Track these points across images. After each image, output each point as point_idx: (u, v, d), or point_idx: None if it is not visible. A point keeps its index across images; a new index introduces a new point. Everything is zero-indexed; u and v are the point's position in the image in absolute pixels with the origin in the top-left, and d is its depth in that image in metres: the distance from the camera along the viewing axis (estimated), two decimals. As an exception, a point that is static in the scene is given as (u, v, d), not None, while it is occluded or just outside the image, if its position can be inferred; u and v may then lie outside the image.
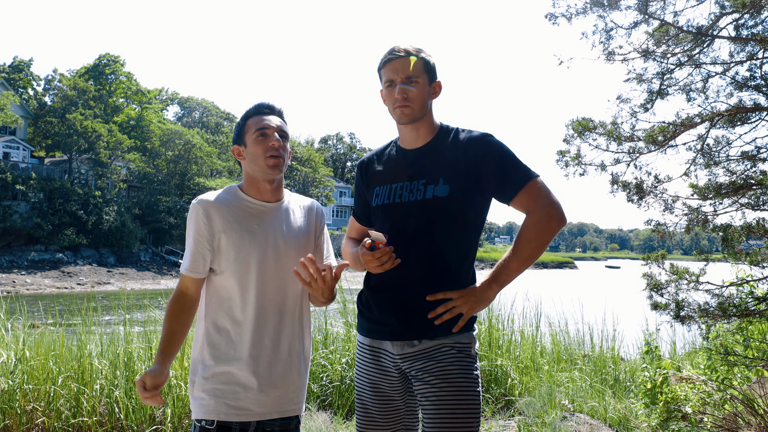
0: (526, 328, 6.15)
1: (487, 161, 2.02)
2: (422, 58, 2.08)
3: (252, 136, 2.10)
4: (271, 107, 2.16)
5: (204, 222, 2.05)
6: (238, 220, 2.07)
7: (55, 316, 5.51)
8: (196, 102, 62.72)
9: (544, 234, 1.98)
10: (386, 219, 2.10)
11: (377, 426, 2.11)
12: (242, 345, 2.06)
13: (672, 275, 3.87)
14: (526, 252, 1.99)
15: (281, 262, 2.10)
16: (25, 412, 3.94)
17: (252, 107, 2.16)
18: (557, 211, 2.00)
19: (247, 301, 2.06)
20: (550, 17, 4.10)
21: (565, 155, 4.29)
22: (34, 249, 36.34)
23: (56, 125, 41.06)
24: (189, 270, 2.06)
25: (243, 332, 2.06)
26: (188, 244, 2.08)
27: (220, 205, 2.08)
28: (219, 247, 2.05)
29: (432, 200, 2.01)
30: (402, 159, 2.14)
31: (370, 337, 2.13)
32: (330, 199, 57.41)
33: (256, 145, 2.09)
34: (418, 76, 2.06)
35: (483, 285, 2.01)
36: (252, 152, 2.10)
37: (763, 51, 3.97)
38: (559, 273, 60.60)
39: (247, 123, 2.13)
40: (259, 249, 2.07)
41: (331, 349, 5.06)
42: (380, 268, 1.97)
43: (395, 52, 2.07)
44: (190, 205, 2.11)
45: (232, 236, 2.05)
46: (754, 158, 3.96)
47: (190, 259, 2.06)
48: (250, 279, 2.06)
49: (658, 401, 3.85)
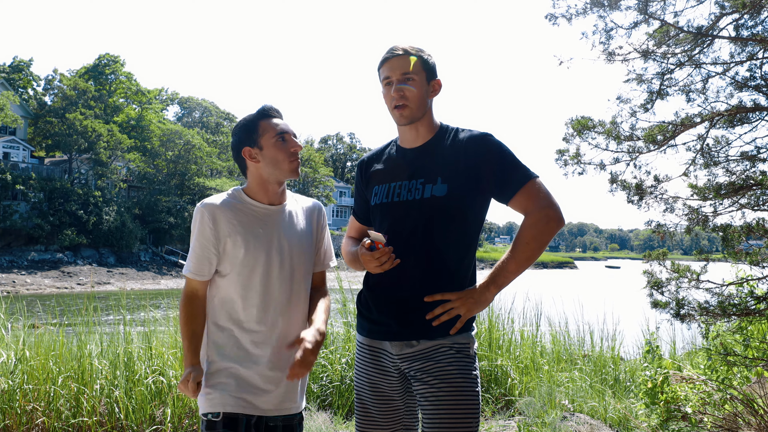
0: (526, 328, 6.15)
1: (486, 161, 2.02)
2: (420, 57, 2.08)
3: (271, 140, 2.11)
4: (278, 111, 2.19)
5: (210, 226, 2.08)
6: (243, 223, 2.10)
7: (56, 316, 5.51)
8: (196, 102, 62.71)
9: (542, 235, 1.98)
10: (385, 218, 2.10)
11: (377, 426, 2.11)
12: (246, 345, 2.10)
13: (673, 273, 3.87)
14: (524, 253, 1.99)
15: (285, 263, 2.13)
16: (25, 412, 3.94)
17: (261, 110, 2.17)
18: (556, 213, 1.99)
19: (251, 303, 2.10)
20: (550, 17, 4.10)
21: (564, 154, 4.28)
22: (34, 249, 36.34)
23: (56, 125, 41.06)
24: (195, 273, 2.09)
25: (247, 332, 2.10)
26: (193, 248, 2.11)
27: (225, 209, 2.10)
28: (225, 251, 2.09)
29: (430, 199, 2.01)
30: (401, 158, 2.14)
31: (370, 337, 2.13)
32: (330, 199, 57.40)
33: (277, 149, 2.11)
34: (415, 74, 2.06)
35: (481, 287, 2.01)
36: (272, 155, 2.11)
37: (763, 51, 3.97)
38: (559, 273, 60.61)
39: (260, 125, 2.13)
40: (265, 252, 2.10)
41: (331, 349, 5.06)
42: (379, 269, 1.98)
43: (393, 51, 2.08)
44: (195, 208, 2.14)
45: (237, 240, 2.08)
46: (753, 158, 3.96)
47: (196, 263, 2.09)
48: (254, 281, 2.09)
49: (658, 401, 3.85)
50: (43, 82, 47.41)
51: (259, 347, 2.09)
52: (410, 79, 2.05)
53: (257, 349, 2.09)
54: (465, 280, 2.06)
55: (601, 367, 5.69)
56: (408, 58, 2.06)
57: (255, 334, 2.10)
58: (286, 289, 2.14)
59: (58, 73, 45.42)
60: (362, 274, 2.22)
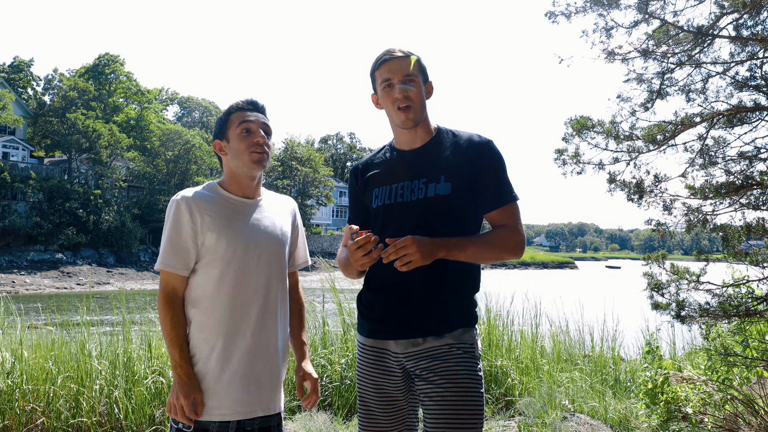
0: (526, 328, 6.14)
1: (486, 168, 2.04)
2: (417, 59, 2.08)
3: (236, 131, 2.10)
4: (254, 103, 2.16)
5: (188, 218, 2.03)
6: (220, 216, 2.07)
7: (55, 316, 5.51)
8: (196, 102, 62.75)
9: (504, 252, 2.01)
10: (388, 219, 2.09)
11: (380, 428, 2.09)
12: (219, 343, 2.03)
13: (673, 275, 3.87)
14: (483, 251, 1.98)
15: (263, 257, 2.10)
16: (25, 412, 3.94)
17: (234, 103, 2.16)
18: (522, 242, 2.04)
19: (226, 298, 2.04)
20: (550, 15, 4.09)
21: (563, 154, 4.28)
22: (33, 249, 36.34)
23: (56, 125, 41.06)
24: (173, 266, 2.02)
25: (220, 330, 2.04)
26: (170, 240, 2.03)
27: (202, 202, 2.07)
28: (203, 244, 2.04)
29: (434, 198, 2.01)
30: (400, 159, 2.13)
31: (372, 337, 2.12)
32: (330, 199, 57.39)
33: (240, 141, 2.09)
34: (415, 75, 2.06)
35: (436, 243, 1.92)
36: (236, 148, 2.10)
37: (763, 51, 3.97)
38: (559, 273, 60.60)
39: (230, 118, 2.13)
40: (242, 245, 2.06)
41: (330, 350, 5.05)
42: (367, 258, 1.90)
43: (392, 53, 2.06)
44: (170, 201, 2.08)
45: (215, 232, 2.03)
46: (753, 158, 3.96)
47: (174, 256, 2.02)
48: (229, 275, 2.04)
49: (658, 401, 3.84)
50: (42, 82, 47.44)
51: (234, 345, 2.04)
52: (412, 80, 2.04)
53: (232, 346, 2.04)
54: (468, 277, 2.06)
55: (602, 368, 5.68)
56: (408, 59, 2.05)
57: (230, 330, 2.04)
58: (264, 282, 2.10)
59: (58, 72, 45.45)
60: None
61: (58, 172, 40.51)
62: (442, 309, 2.02)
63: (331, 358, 4.98)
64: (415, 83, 2.05)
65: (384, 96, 2.08)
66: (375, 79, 2.11)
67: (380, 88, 2.09)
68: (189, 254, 2.04)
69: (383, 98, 2.09)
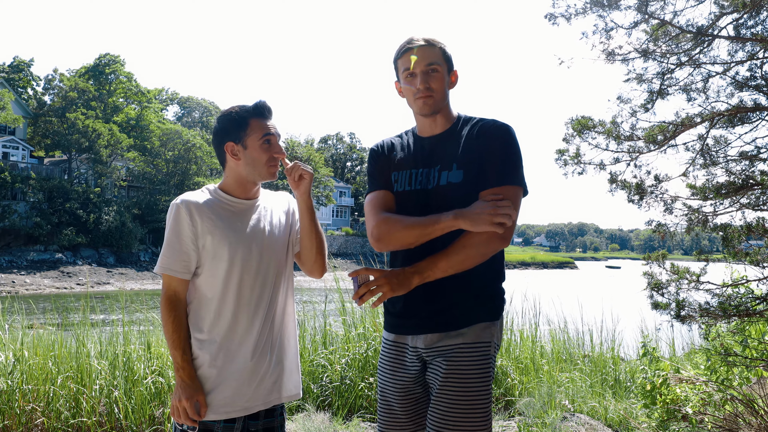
0: (525, 328, 6.14)
1: (495, 149, 1.99)
2: (441, 48, 2.07)
3: (257, 141, 2.09)
4: (270, 110, 2.16)
5: (188, 222, 2.04)
6: (221, 218, 2.08)
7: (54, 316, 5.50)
8: (196, 102, 62.73)
9: (482, 247, 1.92)
10: (405, 206, 2.08)
11: (400, 424, 2.10)
12: (224, 345, 2.05)
13: (673, 275, 3.86)
14: (458, 256, 1.92)
15: (265, 256, 2.12)
16: (25, 412, 3.94)
17: (253, 107, 2.14)
18: (505, 231, 1.89)
19: (229, 299, 2.06)
20: (550, 17, 4.09)
21: (564, 154, 4.28)
22: (33, 249, 36.31)
23: (56, 125, 41.04)
24: (174, 270, 2.04)
25: (224, 328, 2.06)
26: (170, 244, 2.05)
27: (203, 206, 2.08)
28: (204, 247, 2.05)
29: (447, 186, 2.01)
30: (419, 146, 2.13)
31: (394, 332, 2.13)
32: (330, 199, 57.39)
33: (261, 152, 2.09)
34: (439, 65, 2.05)
35: (407, 272, 1.93)
36: (255, 157, 2.10)
37: (763, 51, 3.97)
38: (559, 273, 60.60)
39: (250, 124, 2.10)
40: (244, 246, 2.08)
41: (331, 350, 5.05)
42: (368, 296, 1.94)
43: (415, 42, 2.04)
44: (171, 205, 2.09)
45: (216, 235, 2.05)
46: (754, 158, 3.96)
47: (175, 259, 2.04)
48: (233, 276, 2.06)
49: (657, 402, 3.84)
50: (42, 82, 47.43)
51: (237, 342, 2.06)
52: (435, 69, 2.04)
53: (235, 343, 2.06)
54: (490, 268, 2.02)
55: (601, 368, 5.68)
56: (431, 48, 2.04)
57: (234, 328, 2.06)
58: (266, 281, 2.12)
59: (58, 72, 45.43)
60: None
61: (58, 172, 40.48)
62: (461, 303, 2.00)
63: (331, 358, 4.97)
64: (437, 73, 2.04)
65: (404, 85, 2.09)
66: (398, 67, 2.11)
67: (402, 77, 2.09)
68: (190, 258, 2.06)
69: (405, 87, 2.09)
